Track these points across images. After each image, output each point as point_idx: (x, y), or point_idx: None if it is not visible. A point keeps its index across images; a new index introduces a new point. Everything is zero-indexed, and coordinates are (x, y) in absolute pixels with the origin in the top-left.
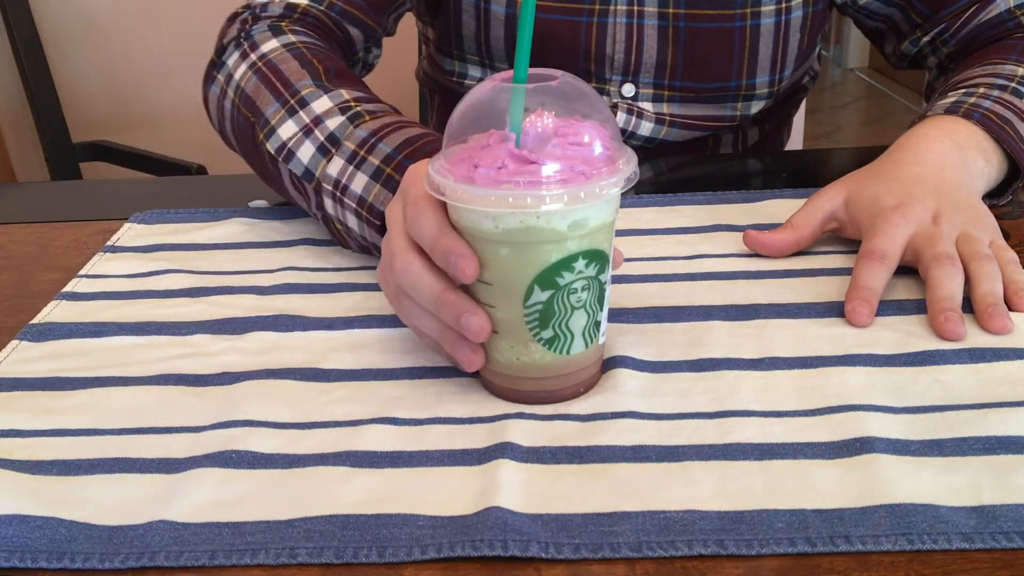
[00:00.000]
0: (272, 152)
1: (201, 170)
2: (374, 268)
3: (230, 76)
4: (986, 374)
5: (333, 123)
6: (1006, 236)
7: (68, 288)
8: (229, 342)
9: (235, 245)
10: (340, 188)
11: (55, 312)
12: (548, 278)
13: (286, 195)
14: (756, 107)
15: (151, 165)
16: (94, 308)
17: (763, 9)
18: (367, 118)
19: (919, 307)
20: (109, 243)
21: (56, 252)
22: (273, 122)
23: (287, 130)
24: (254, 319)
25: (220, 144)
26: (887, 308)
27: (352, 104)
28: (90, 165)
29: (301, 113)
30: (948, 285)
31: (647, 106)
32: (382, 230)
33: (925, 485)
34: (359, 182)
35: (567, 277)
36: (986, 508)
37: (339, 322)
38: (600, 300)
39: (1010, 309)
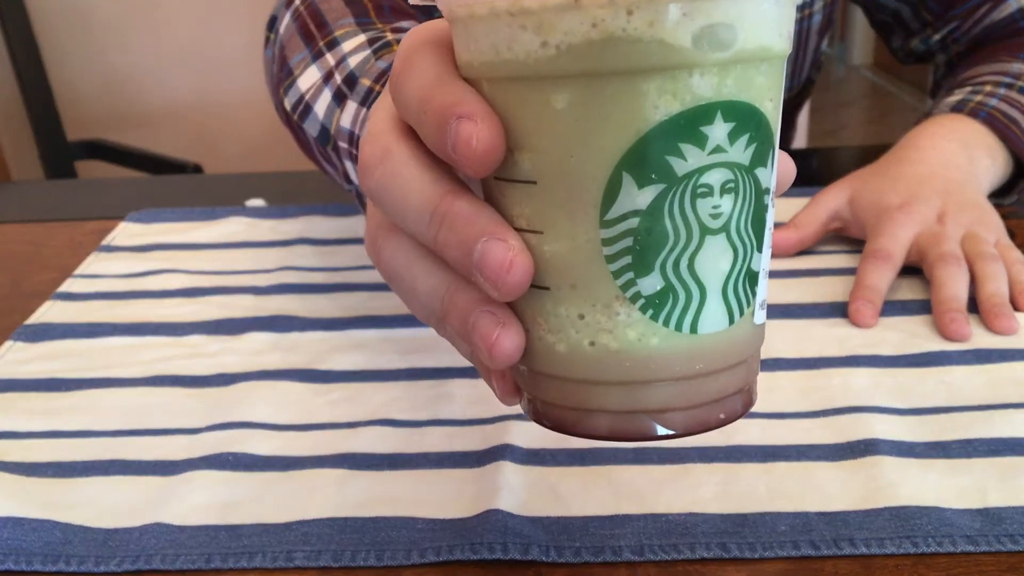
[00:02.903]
0: (289, 110)
1: (197, 169)
2: (372, 268)
3: (277, 32)
4: (992, 375)
5: (355, 59)
6: (1012, 235)
7: (63, 288)
8: (226, 343)
9: (232, 245)
10: (353, 141)
11: (50, 312)
12: (655, 156)
13: (329, 177)
14: None
15: (147, 164)
16: (89, 308)
17: None
18: (396, 47)
19: (924, 307)
20: (104, 243)
21: (51, 252)
22: (296, 72)
23: (308, 79)
24: (251, 319)
25: (217, 143)
26: (892, 308)
27: (387, 35)
28: (85, 164)
29: (328, 56)
30: (953, 285)
31: None
32: None
33: (930, 487)
34: None
35: (692, 159)
36: (992, 510)
37: (337, 323)
38: (758, 223)
39: (1016, 309)
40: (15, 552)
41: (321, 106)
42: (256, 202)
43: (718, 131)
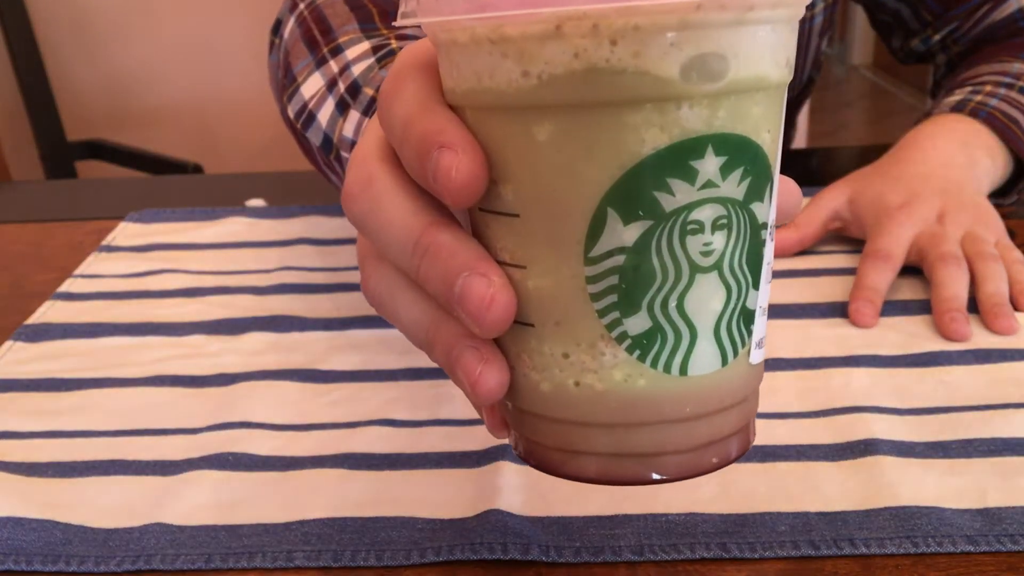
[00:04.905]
0: (293, 117)
1: (197, 169)
2: None
3: (282, 36)
4: (992, 375)
5: (359, 68)
6: (1012, 235)
7: (63, 288)
8: (226, 343)
9: (232, 245)
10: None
11: (50, 312)
12: (641, 192)
13: (333, 184)
14: None
15: (147, 164)
16: (89, 308)
17: None
18: None
19: (924, 307)
20: (104, 243)
21: (51, 252)
22: (299, 79)
23: (311, 86)
24: (251, 319)
25: (217, 143)
26: (891, 308)
27: (392, 42)
28: (85, 164)
29: (331, 63)
30: (953, 285)
31: None
32: None
33: (930, 487)
34: None
35: (681, 195)
36: (991, 510)
37: (337, 323)
38: (754, 259)
39: (1016, 309)
40: (15, 552)
41: (324, 115)
42: (256, 202)
43: (709, 165)
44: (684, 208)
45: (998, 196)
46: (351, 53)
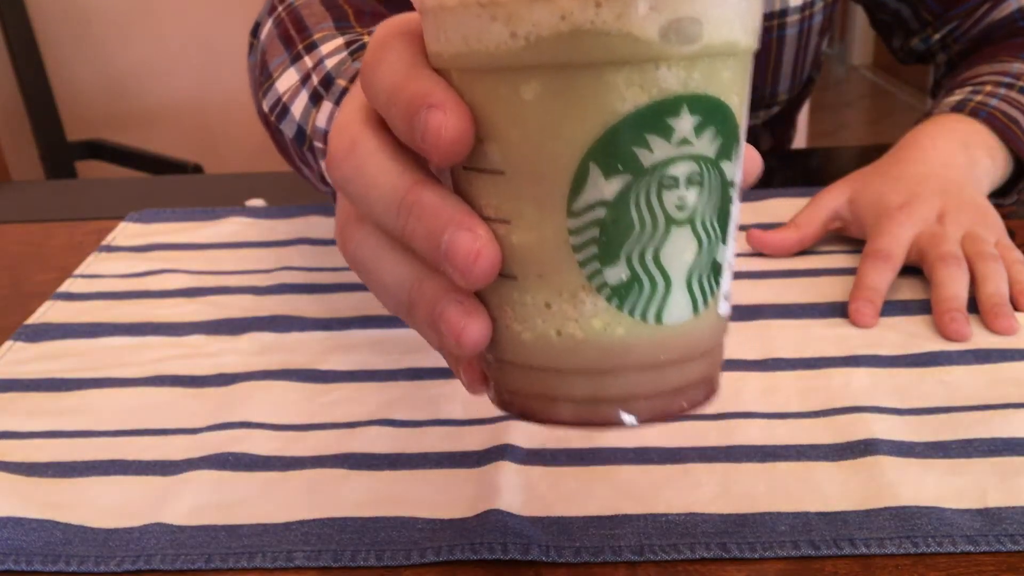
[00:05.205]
0: (267, 111)
1: (197, 169)
2: None
3: (259, 37)
4: (991, 375)
5: (332, 61)
6: (1012, 235)
7: (63, 288)
8: (226, 343)
9: (232, 245)
10: (327, 141)
11: (50, 312)
12: (621, 148)
13: (306, 179)
14: (775, 111)
15: (147, 164)
16: (89, 308)
17: (788, 20)
18: None
19: (924, 307)
20: (104, 242)
21: (51, 252)
22: (275, 75)
23: (286, 81)
24: (251, 319)
25: (216, 143)
26: (891, 308)
27: (365, 37)
28: (85, 164)
29: (306, 58)
30: (953, 285)
31: None
32: None
33: (930, 487)
34: None
35: (658, 151)
36: (991, 511)
37: (337, 322)
38: (723, 215)
39: (1016, 309)
40: (15, 552)
41: (298, 107)
42: (256, 202)
43: (684, 124)
44: (661, 164)
45: (998, 196)
46: (325, 48)
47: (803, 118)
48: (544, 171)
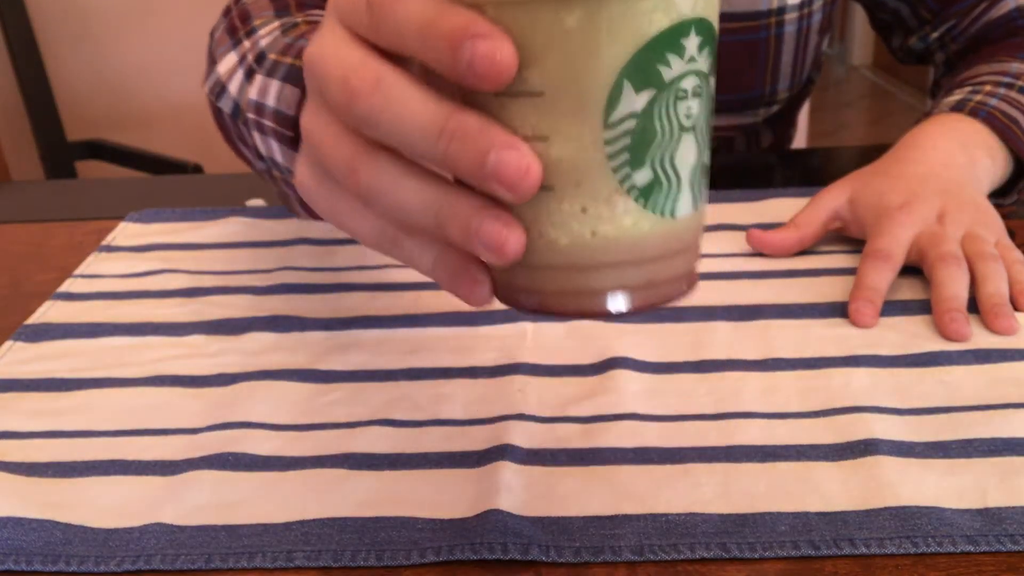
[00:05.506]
0: (208, 92)
1: (197, 169)
2: (373, 268)
3: (213, 36)
4: (991, 375)
5: (266, 40)
6: (1012, 235)
7: (63, 288)
8: (226, 343)
9: (232, 245)
10: (259, 110)
11: (50, 312)
12: (648, 65)
13: (249, 163)
14: (774, 110)
15: (147, 164)
16: (89, 308)
17: (787, 17)
18: (304, 26)
19: (924, 307)
20: (104, 243)
21: (51, 252)
22: (218, 62)
23: (226, 64)
24: (251, 319)
25: (216, 143)
26: (891, 308)
27: (298, 18)
28: (85, 164)
29: (245, 43)
30: (953, 285)
31: None
32: (296, 141)
33: (930, 487)
34: (273, 92)
35: (675, 67)
36: (991, 510)
37: (337, 323)
38: (709, 123)
39: (1016, 309)
40: (15, 552)
41: (235, 85)
42: (256, 202)
43: (692, 43)
44: (677, 78)
45: (998, 196)
46: (262, 32)
47: (803, 118)
48: (584, 90)
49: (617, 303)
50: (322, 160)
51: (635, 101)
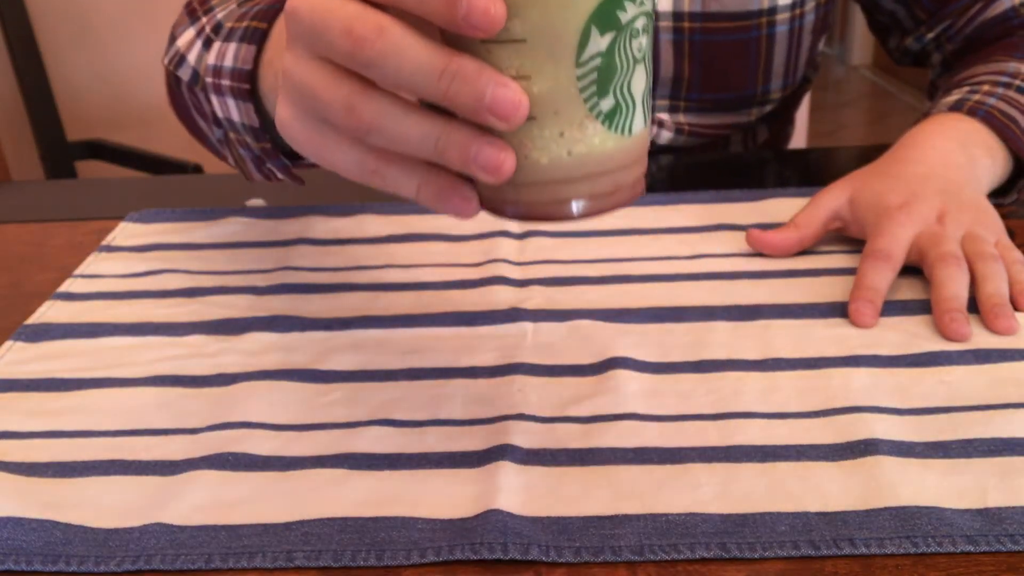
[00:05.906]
0: (166, 64)
1: (197, 169)
2: (372, 268)
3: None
4: (991, 375)
5: (223, 14)
6: (1012, 235)
7: (63, 288)
8: (226, 343)
9: (232, 245)
10: (216, 73)
11: (50, 312)
12: (610, 12)
13: (203, 139)
14: (768, 109)
15: (147, 164)
16: (89, 308)
17: (778, 17)
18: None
19: (924, 307)
20: (104, 242)
21: (51, 252)
22: (178, 39)
23: (185, 38)
24: (251, 319)
25: None
26: (891, 308)
27: None
28: (85, 164)
29: (203, 19)
30: (953, 285)
31: (664, 117)
32: (252, 95)
33: (930, 487)
34: (230, 54)
35: (630, 11)
36: (991, 511)
37: (337, 323)
38: (651, 52)
39: (1016, 309)
40: (15, 552)
41: (193, 55)
42: (256, 202)
43: None
44: (631, 20)
45: (998, 195)
46: (219, 9)
47: (803, 118)
48: (560, 35)
49: (588, 207)
50: (312, 101)
51: (600, 42)
